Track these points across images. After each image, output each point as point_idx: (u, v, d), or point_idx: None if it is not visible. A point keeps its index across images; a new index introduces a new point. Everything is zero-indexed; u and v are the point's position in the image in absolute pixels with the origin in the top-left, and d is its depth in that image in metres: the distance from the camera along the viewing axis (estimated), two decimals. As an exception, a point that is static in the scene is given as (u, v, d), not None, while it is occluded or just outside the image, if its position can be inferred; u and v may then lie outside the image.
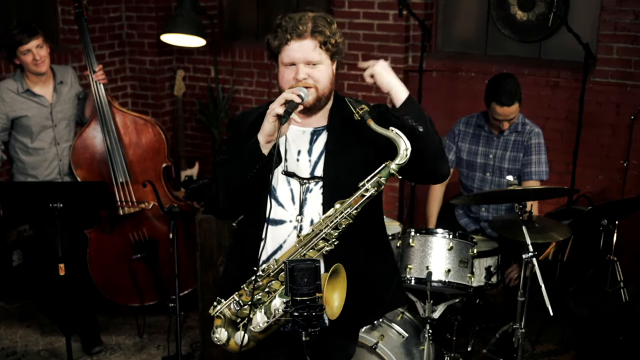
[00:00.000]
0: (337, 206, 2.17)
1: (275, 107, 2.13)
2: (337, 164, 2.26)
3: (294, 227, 2.26)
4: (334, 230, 2.17)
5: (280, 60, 2.24)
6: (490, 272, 3.43)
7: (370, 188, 2.14)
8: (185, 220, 3.96)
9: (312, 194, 2.27)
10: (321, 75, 2.22)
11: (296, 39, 2.18)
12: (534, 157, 3.73)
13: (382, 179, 2.13)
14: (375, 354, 3.12)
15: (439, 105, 4.90)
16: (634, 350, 3.63)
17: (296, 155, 2.29)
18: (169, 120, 5.90)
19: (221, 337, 2.27)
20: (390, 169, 2.12)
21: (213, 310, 2.31)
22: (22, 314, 4.42)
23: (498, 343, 3.58)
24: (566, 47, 4.59)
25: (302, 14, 2.22)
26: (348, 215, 2.16)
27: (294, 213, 2.26)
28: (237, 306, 2.25)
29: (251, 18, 5.76)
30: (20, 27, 3.81)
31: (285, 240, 2.26)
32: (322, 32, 2.19)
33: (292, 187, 2.28)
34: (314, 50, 2.19)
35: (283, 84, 2.24)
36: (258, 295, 2.21)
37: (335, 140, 2.29)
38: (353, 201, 2.15)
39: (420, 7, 4.82)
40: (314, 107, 2.25)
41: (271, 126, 2.15)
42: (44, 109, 3.93)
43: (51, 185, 3.70)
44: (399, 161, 2.11)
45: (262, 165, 2.18)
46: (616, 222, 3.64)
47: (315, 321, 2.00)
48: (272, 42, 2.23)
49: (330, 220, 2.16)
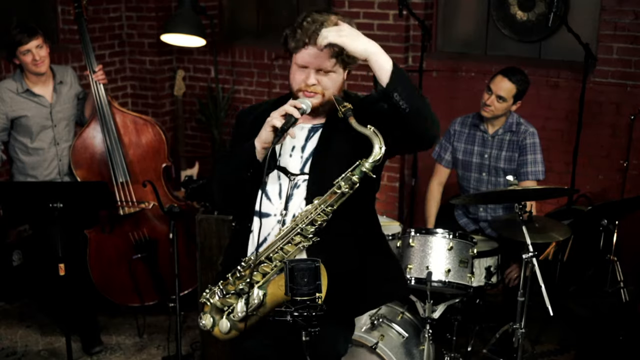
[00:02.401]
0: (315, 202, 2.20)
1: (275, 117, 2.16)
2: (324, 160, 2.29)
3: (277, 220, 2.30)
4: (310, 226, 2.19)
5: (294, 60, 2.25)
6: (490, 272, 3.43)
7: (342, 185, 2.15)
8: (185, 220, 3.96)
9: (298, 189, 2.30)
10: (331, 84, 2.25)
11: (314, 45, 2.18)
12: (529, 157, 3.73)
13: (354, 177, 2.14)
14: (375, 354, 3.11)
15: (439, 105, 4.88)
16: (634, 350, 3.63)
17: (290, 151, 2.33)
18: (169, 120, 5.90)
19: (206, 323, 2.34)
20: (364, 167, 2.13)
21: (202, 296, 2.38)
22: (22, 314, 4.42)
23: (498, 343, 3.57)
24: (566, 47, 4.59)
25: (326, 17, 2.21)
26: (322, 211, 2.18)
27: (279, 207, 2.30)
28: (221, 294, 2.30)
29: (251, 18, 5.76)
30: (20, 27, 3.81)
31: (269, 234, 2.30)
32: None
33: (282, 182, 2.32)
34: (328, 59, 2.21)
35: (293, 83, 2.28)
36: (241, 286, 2.26)
37: (327, 138, 2.31)
38: (327, 197, 2.18)
39: (420, 7, 4.82)
40: (317, 111, 2.28)
41: (268, 134, 2.18)
42: (43, 109, 3.93)
43: (51, 185, 3.70)
44: (372, 160, 2.12)
45: (255, 169, 2.23)
46: (616, 222, 3.64)
47: (315, 321, 2.00)
48: (289, 41, 2.24)
49: (306, 216, 2.19)
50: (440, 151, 3.95)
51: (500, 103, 3.66)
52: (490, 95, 3.67)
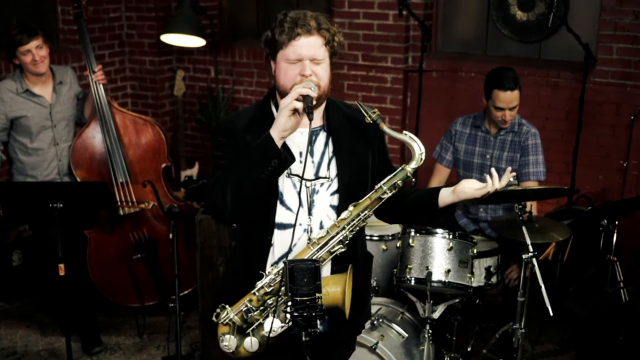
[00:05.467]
0: (351, 208, 2.18)
1: (290, 101, 2.09)
2: (348, 166, 2.26)
3: (304, 230, 2.24)
4: (350, 233, 2.19)
5: (284, 57, 2.18)
6: (490, 272, 3.44)
7: (387, 191, 2.18)
8: (185, 220, 3.96)
9: (318, 195, 2.25)
10: (324, 73, 2.20)
11: (306, 35, 2.15)
12: (531, 158, 3.73)
13: (398, 181, 2.18)
14: (375, 354, 3.12)
15: (439, 105, 4.90)
16: (633, 350, 3.63)
17: (298, 157, 2.24)
18: (169, 120, 5.90)
19: (230, 345, 2.21)
20: (407, 172, 2.17)
21: (218, 317, 2.24)
22: (22, 314, 4.42)
23: (498, 343, 3.57)
24: (566, 47, 4.59)
25: (304, 11, 2.20)
26: (365, 217, 2.19)
27: (303, 216, 2.23)
28: (249, 312, 2.19)
29: (251, 18, 5.76)
30: (20, 28, 3.81)
31: (295, 244, 2.22)
32: (328, 29, 2.18)
33: (298, 189, 2.23)
34: (320, 47, 2.18)
35: (286, 81, 2.18)
36: (269, 300, 2.18)
37: (340, 143, 2.27)
38: (371, 204, 2.18)
39: (420, 7, 4.82)
40: (314, 106, 2.20)
41: (287, 120, 2.10)
42: (43, 109, 3.93)
43: (51, 186, 3.70)
44: (414, 165, 2.17)
45: (279, 161, 2.12)
46: (616, 222, 3.64)
47: (315, 321, 1.99)
48: (278, 36, 2.17)
49: (347, 223, 2.18)
50: (441, 151, 3.95)
51: (513, 110, 3.66)
52: (501, 111, 3.64)
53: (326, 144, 2.28)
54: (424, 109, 4.64)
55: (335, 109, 2.31)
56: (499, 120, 3.68)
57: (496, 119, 3.68)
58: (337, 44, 2.23)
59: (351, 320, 2.21)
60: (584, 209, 4.03)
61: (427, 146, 2.27)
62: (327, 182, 2.26)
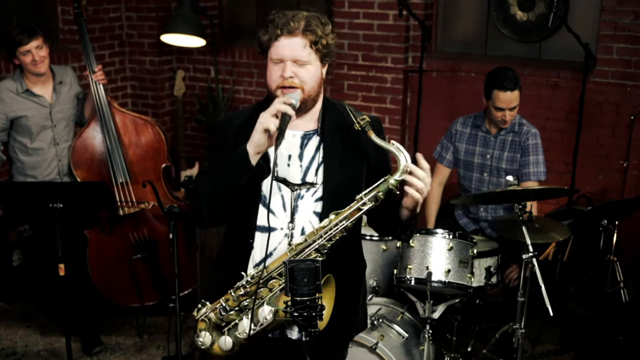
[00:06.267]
0: (332, 217, 2.11)
1: (267, 118, 2.04)
2: (336, 174, 2.21)
3: (284, 234, 2.21)
4: (328, 242, 2.12)
5: (269, 57, 2.16)
6: (490, 272, 3.44)
7: (367, 202, 2.09)
8: (185, 221, 3.95)
9: (303, 200, 2.21)
10: (308, 76, 2.14)
11: (286, 35, 2.11)
12: (531, 158, 3.73)
13: (380, 193, 2.08)
14: (375, 354, 3.12)
15: (439, 105, 4.90)
16: (633, 350, 3.63)
17: (287, 160, 2.21)
18: (169, 121, 5.90)
19: (205, 341, 2.23)
20: (389, 184, 2.07)
21: (197, 313, 2.26)
22: (22, 314, 4.42)
23: (498, 343, 3.58)
24: (566, 47, 4.59)
25: (296, 12, 2.16)
26: (343, 227, 2.11)
27: (285, 220, 2.21)
28: (224, 311, 2.19)
29: (251, 18, 5.76)
30: (20, 28, 3.81)
31: (276, 248, 2.21)
32: (314, 31, 2.13)
33: (283, 193, 2.21)
34: (303, 48, 2.12)
35: (270, 82, 2.16)
36: (245, 302, 2.17)
37: (331, 149, 2.22)
38: (349, 214, 2.10)
39: (420, 7, 4.82)
40: (299, 110, 2.15)
41: (261, 137, 2.06)
42: (43, 109, 3.93)
43: (51, 186, 3.70)
44: (398, 176, 2.06)
45: (251, 176, 2.11)
46: (616, 222, 3.64)
47: (315, 321, 1.99)
48: (262, 36, 2.16)
49: (325, 232, 2.10)
50: (442, 151, 3.94)
51: (514, 110, 3.66)
52: (501, 111, 3.64)
53: (317, 149, 2.24)
54: (424, 109, 4.64)
55: (334, 113, 2.26)
56: (499, 121, 3.69)
57: (496, 119, 3.68)
58: (327, 46, 2.16)
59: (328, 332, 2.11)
60: (584, 209, 4.03)
61: (427, 146, 2.26)
62: (313, 188, 2.22)
